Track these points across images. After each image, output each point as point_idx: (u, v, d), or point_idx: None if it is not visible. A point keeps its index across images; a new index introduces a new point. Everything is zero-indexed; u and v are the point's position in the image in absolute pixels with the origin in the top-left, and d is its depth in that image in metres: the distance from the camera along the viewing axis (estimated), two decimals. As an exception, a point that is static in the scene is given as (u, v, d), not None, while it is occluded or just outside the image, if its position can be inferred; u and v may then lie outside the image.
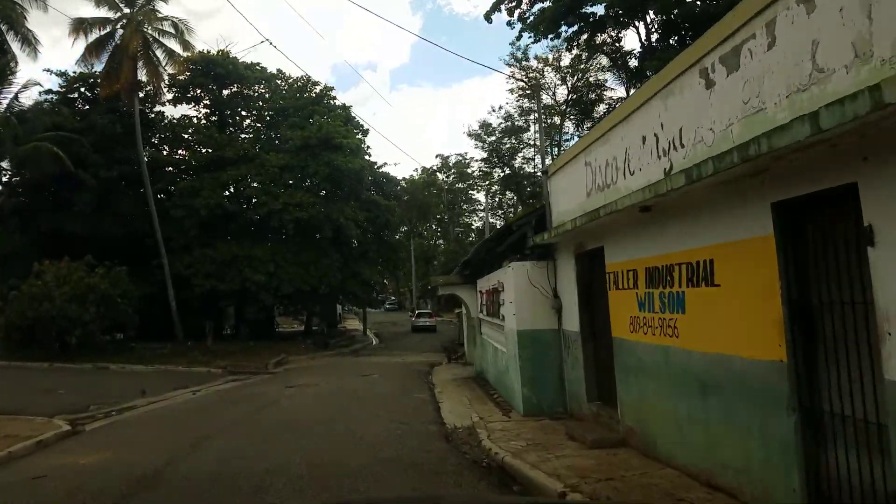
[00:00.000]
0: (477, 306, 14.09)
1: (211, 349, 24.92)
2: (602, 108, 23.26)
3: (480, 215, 58.86)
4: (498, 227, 47.93)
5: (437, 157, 73.67)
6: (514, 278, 9.32)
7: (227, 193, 27.03)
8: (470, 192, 59.20)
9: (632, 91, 20.73)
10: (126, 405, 12.34)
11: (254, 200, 26.58)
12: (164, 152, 27.90)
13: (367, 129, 30.89)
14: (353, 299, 32.39)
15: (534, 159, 42.92)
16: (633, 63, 21.99)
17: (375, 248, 32.12)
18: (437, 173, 52.81)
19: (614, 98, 23.67)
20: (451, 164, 52.58)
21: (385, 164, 36.25)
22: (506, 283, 10.09)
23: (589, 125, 23.72)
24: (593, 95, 24.49)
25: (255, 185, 25.58)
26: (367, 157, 29.67)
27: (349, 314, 62.05)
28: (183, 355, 23.71)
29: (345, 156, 26.00)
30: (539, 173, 41.32)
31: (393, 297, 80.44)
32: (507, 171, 42.12)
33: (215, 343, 25.73)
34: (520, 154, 41.47)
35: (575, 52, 23.70)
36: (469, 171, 55.00)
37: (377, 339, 36.45)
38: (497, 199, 55.95)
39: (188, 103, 29.68)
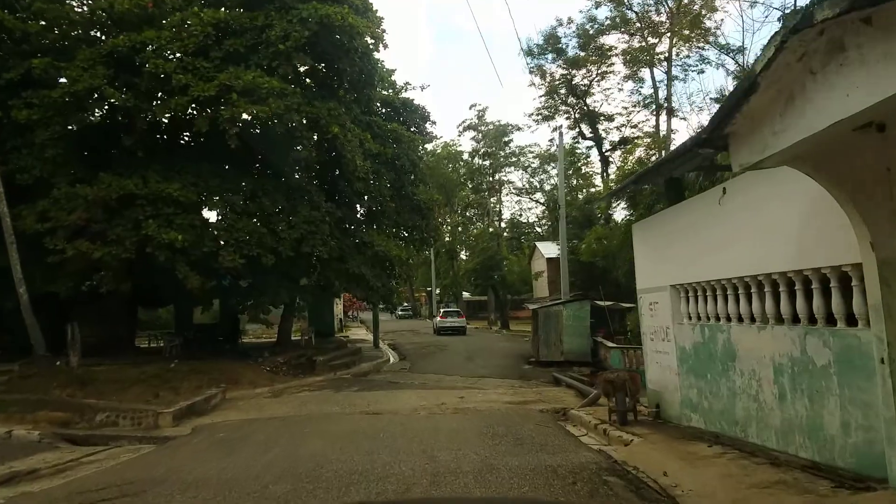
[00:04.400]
0: None
1: (78, 375, 12.76)
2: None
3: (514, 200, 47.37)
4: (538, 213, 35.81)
5: (470, 107, 60.34)
6: None
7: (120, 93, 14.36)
8: (505, 168, 47.42)
9: None
10: None
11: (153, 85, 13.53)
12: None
13: (382, 18, 18.47)
14: (362, 289, 19.30)
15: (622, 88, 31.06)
16: None
17: (395, 207, 19.69)
18: (471, 128, 40.75)
19: None
20: (485, 122, 40.56)
21: (407, 84, 23.71)
22: None
23: None
24: None
25: (169, 57, 13.10)
26: (378, 44, 17.10)
27: (352, 320, 49.69)
28: (17, 388, 11.85)
29: (339, 6, 13.71)
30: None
31: (406, 304, 68.47)
32: (583, 110, 29.96)
33: (92, 363, 13.53)
34: (599, 85, 29.36)
35: None
36: (507, 139, 43.35)
37: (395, 353, 23.99)
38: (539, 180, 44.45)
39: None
